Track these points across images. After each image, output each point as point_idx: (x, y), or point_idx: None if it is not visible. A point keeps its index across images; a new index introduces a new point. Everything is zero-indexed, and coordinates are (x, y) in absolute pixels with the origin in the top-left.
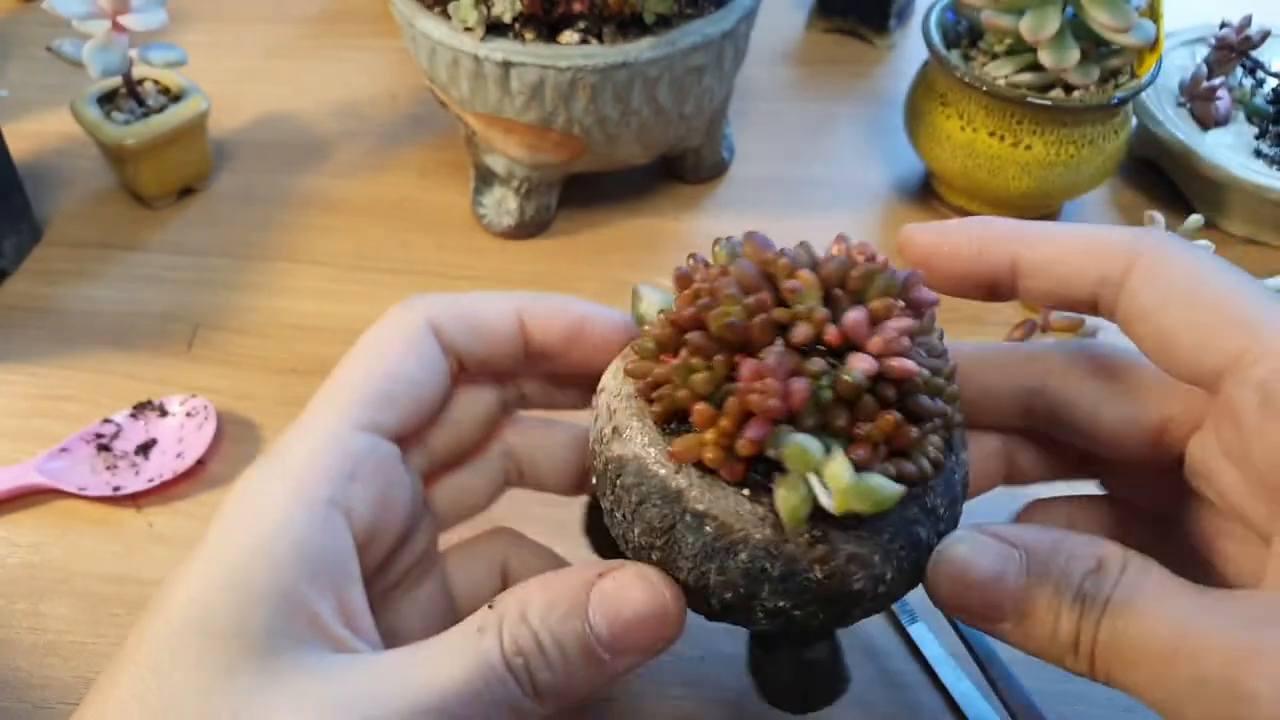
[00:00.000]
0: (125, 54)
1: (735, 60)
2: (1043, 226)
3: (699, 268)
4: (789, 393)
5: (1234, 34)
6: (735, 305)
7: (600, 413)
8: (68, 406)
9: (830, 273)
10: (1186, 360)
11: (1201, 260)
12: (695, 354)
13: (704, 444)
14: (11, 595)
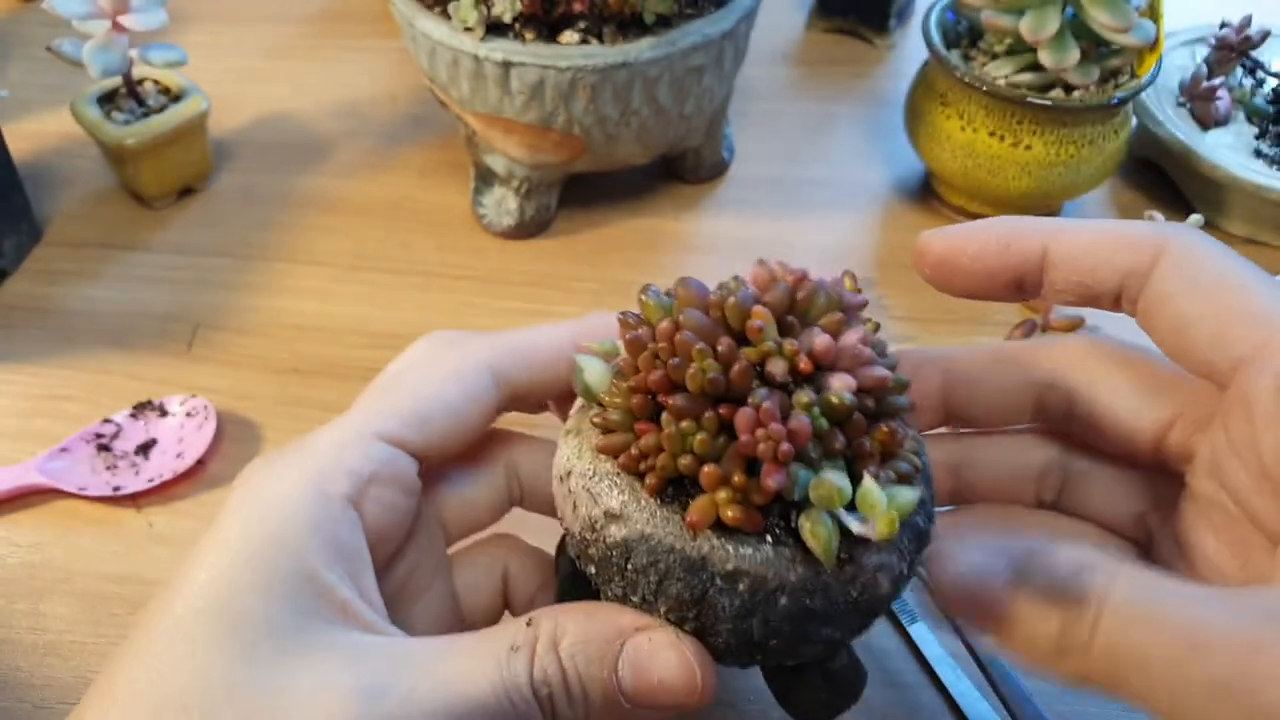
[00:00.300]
0: (125, 54)
1: (735, 60)
2: (1069, 223)
3: (637, 324)
4: (794, 432)
5: (1234, 34)
6: (707, 359)
7: (577, 498)
8: (68, 406)
9: (778, 301)
10: (1204, 350)
11: (1226, 255)
12: (682, 417)
13: (721, 504)
14: (11, 595)
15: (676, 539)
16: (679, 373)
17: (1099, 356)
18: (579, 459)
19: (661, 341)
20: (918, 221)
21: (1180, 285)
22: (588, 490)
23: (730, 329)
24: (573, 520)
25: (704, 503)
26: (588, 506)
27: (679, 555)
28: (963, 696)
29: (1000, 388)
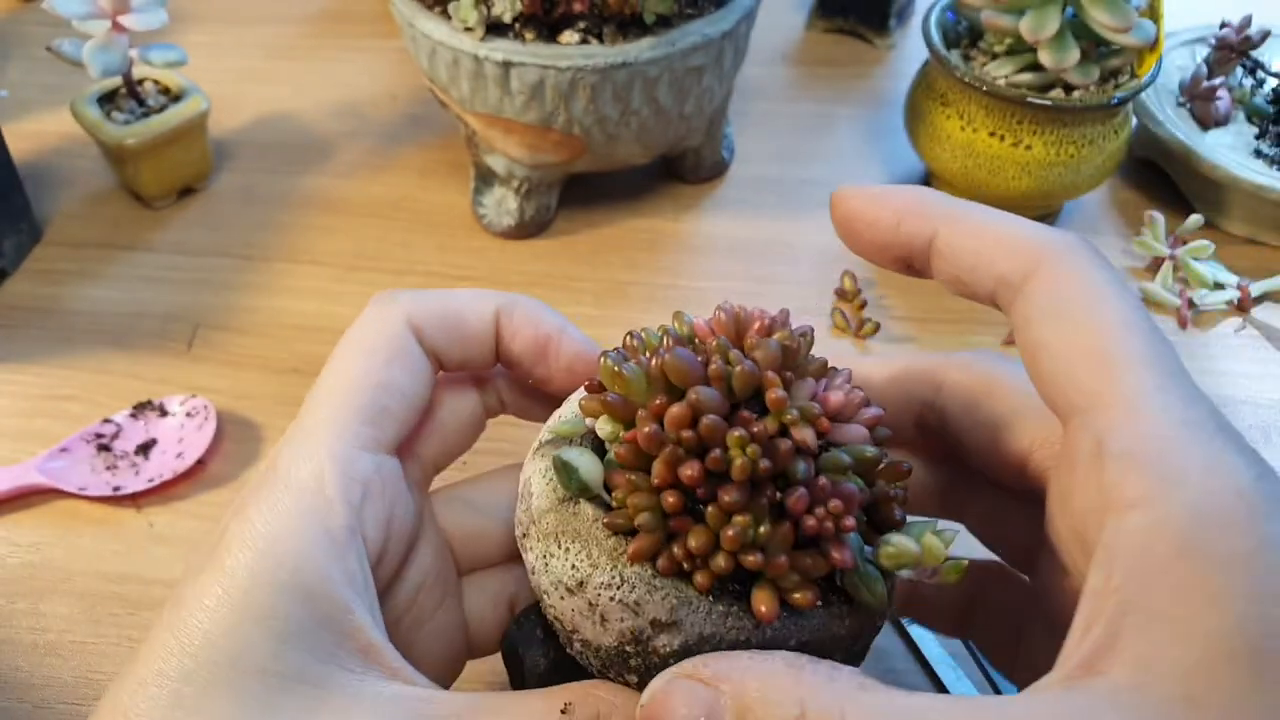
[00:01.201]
0: (125, 54)
1: (735, 60)
2: (970, 210)
3: (627, 404)
4: (849, 501)
5: (1234, 34)
6: (749, 445)
7: (605, 611)
8: (68, 406)
9: (774, 359)
10: (1050, 385)
11: (1100, 281)
12: (736, 510)
13: (790, 590)
14: (11, 595)
15: (740, 632)
16: (727, 464)
17: (976, 375)
18: (594, 567)
19: (674, 430)
20: None
21: (1043, 309)
22: (620, 602)
23: (734, 396)
24: (600, 634)
25: (769, 592)
26: (624, 619)
27: (741, 647)
28: None
29: (888, 399)
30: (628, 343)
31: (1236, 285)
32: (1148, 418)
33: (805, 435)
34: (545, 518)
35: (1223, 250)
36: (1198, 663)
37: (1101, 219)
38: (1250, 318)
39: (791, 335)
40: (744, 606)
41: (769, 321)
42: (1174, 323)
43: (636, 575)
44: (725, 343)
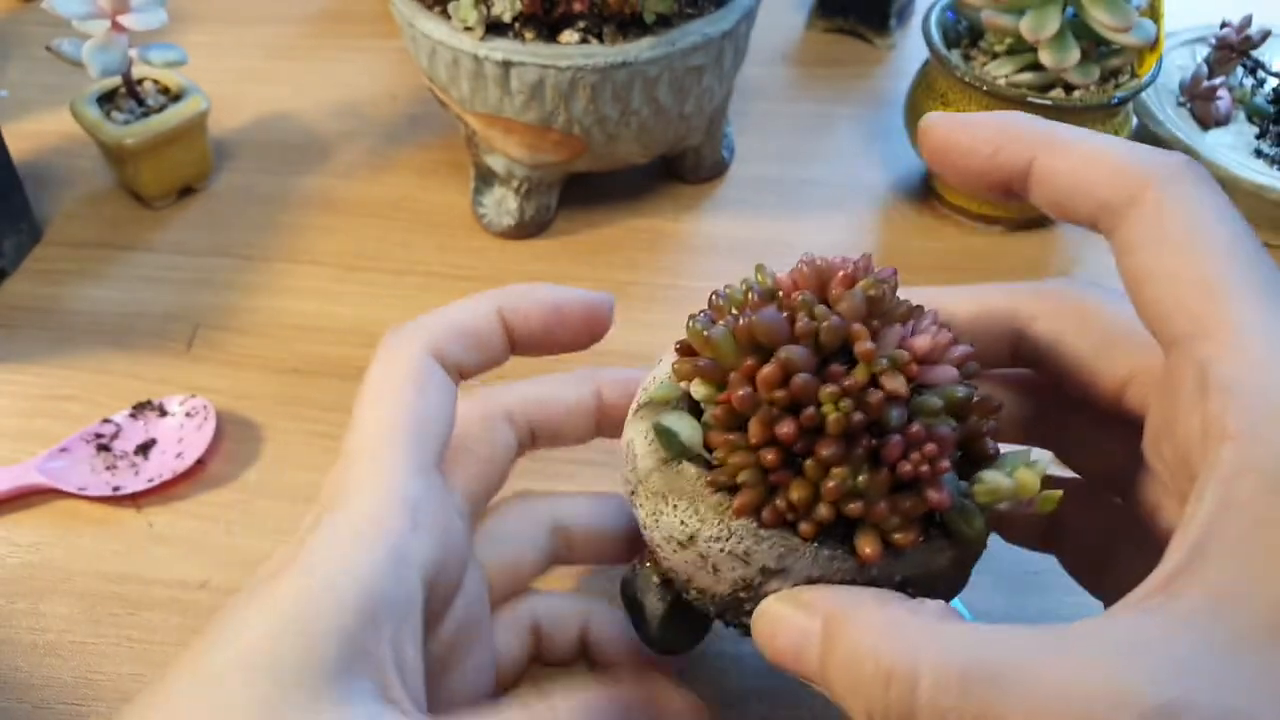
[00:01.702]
0: (125, 54)
1: (735, 60)
2: (1068, 134)
3: (719, 367)
4: (943, 444)
5: (1234, 34)
6: (843, 401)
7: (717, 562)
8: (68, 406)
9: (859, 309)
10: (1153, 312)
11: (1208, 206)
12: (834, 463)
13: (891, 532)
14: (11, 595)
15: (846, 573)
16: (813, 419)
17: (1069, 305)
18: (702, 522)
19: (766, 389)
20: (918, 221)
21: (1148, 236)
22: (729, 553)
23: (821, 350)
24: (714, 583)
25: (872, 535)
26: (735, 569)
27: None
28: None
29: (977, 338)
30: (714, 301)
31: None
32: (1253, 347)
33: (896, 384)
34: (651, 477)
35: None
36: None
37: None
38: None
39: (875, 282)
40: (848, 549)
41: (852, 270)
42: None
43: (743, 528)
44: (810, 298)
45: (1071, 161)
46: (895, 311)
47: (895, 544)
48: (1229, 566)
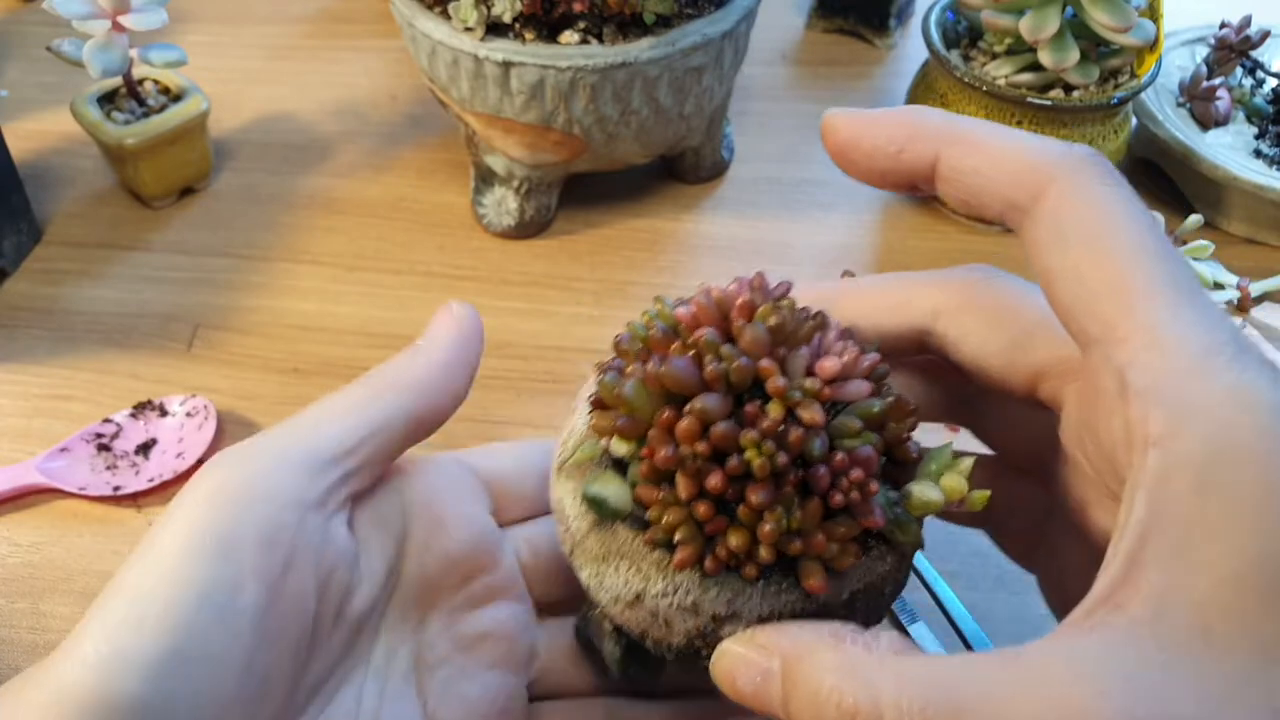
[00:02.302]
0: (125, 54)
1: (735, 60)
2: (972, 129)
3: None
4: (869, 463)
5: (1234, 34)
6: (765, 443)
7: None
8: (68, 406)
9: (764, 342)
10: (1066, 315)
11: (1113, 201)
12: (766, 506)
13: (832, 559)
14: (11, 595)
15: (796, 604)
16: (739, 467)
17: (976, 296)
18: (646, 581)
19: (688, 443)
20: (918, 221)
21: (1053, 235)
22: (678, 607)
23: (733, 390)
24: (668, 635)
25: (815, 567)
26: (686, 620)
27: (803, 616)
28: None
29: (884, 330)
30: (620, 345)
31: (1236, 285)
32: (1167, 349)
33: (812, 414)
34: (587, 540)
35: (1222, 250)
36: (1212, 596)
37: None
38: (1250, 318)
39: (774, 307)
40: (793, 580)
41: (750, 297)
42: None
43: (688, 579)
44: (714, 338)
45: (976, 159)
46: (799, 333)
47: (839, 568)
48: (1164, 575)
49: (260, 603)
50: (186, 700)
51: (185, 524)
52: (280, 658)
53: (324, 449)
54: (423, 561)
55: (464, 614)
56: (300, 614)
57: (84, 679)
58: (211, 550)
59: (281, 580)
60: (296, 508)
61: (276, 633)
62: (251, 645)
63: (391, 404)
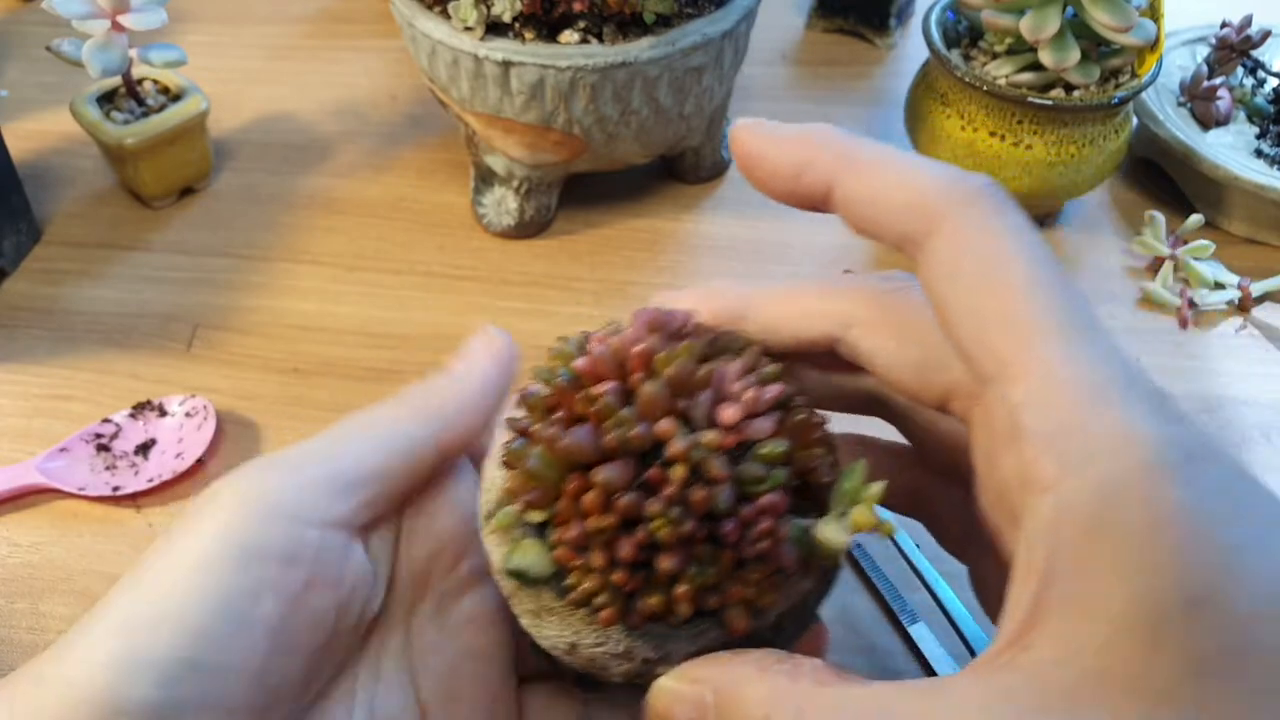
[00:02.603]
0: (125, 54)
1: (735, 60)
2: (869, 155)
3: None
4: (774, 512)
5: (1234, 34)
6: (673, 510)
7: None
8: (68, 406)
9: (663, 399)
10: (961, 350)
11: (1007, 233)
12: (684, 565)
13: (755, 599)
14: (11, 595)
15: (722, 639)
16: (648, 537)
17: (886, 309)
18: (577, 634)
19: (595, 515)
20: None
21: (946, 269)
22: (611, 654)
23: (632, 452)
24: (607, 675)
25: (739, 611)
26: (621, 664)
27: (732, 646)
28: None
29: (797, 337)
30: (527, 402)
31: (1237, 285)
32: (1059, 390)
33: (716, 470)
34: (518, 596)
35: (1223, 250)
36: (1108, 641)
37: (1102, 219)
38: (1251, 318)
39: (671, 357)
40: (718, 618)
41: (646, 348)
42: (1174, 322)
43: (615, 632)
44: (612, 402)
45: (871, 187)
46: (696, 379)
47: (762, 606)
48: (1064, 621)
49: (278, 616)
50: (196, 707)
51: (208, 532)
52: (292, 670)
53: (349, 471)
54: (413, 550)
55: (452, 599)
56: (316, 629)
57: (95, 679)
58: (234, 560)
59: (301, 596)
60: (319, 527)
61: (291, 647)
62: (266, 657)
63: (419, 432)
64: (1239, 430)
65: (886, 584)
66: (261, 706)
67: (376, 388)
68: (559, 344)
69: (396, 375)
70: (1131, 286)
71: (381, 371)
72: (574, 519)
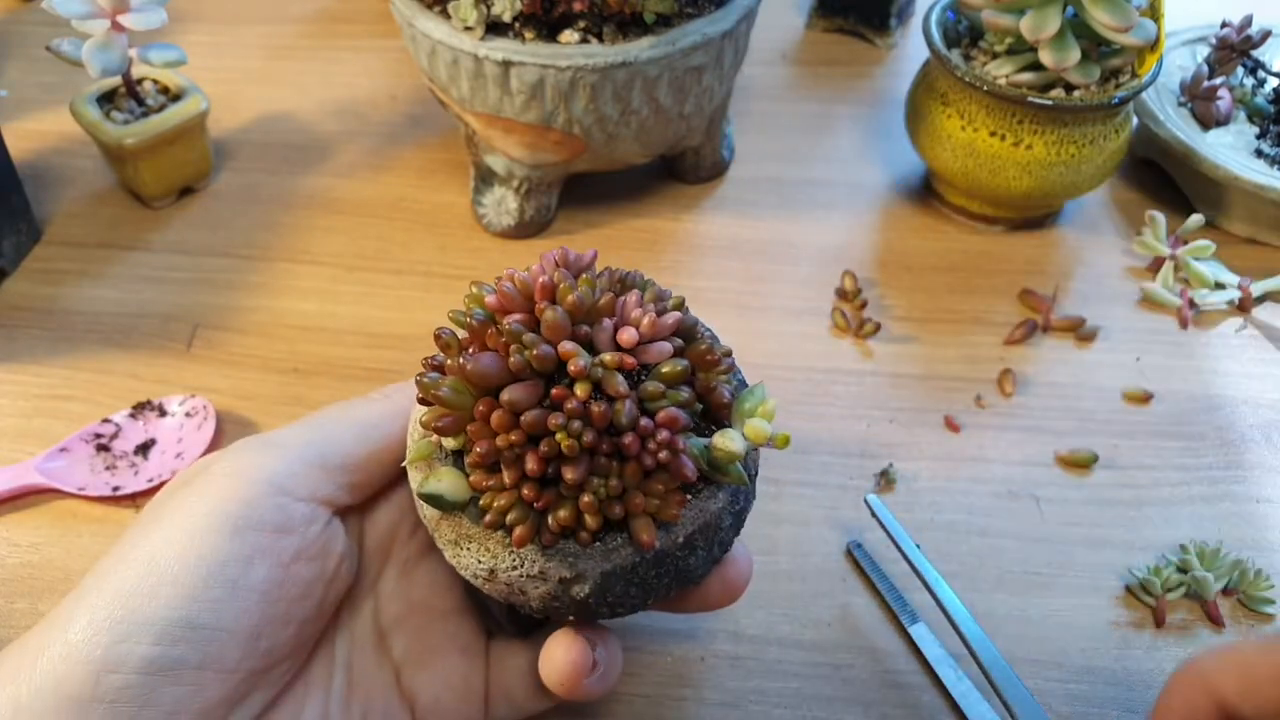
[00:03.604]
0: (125, 54)
1: (735, 60)
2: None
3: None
4: (672, 424)
5: (1235, 34)
6: (573, 423)
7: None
8: (67, 406)
9: (562, 323)
10: None
11: None
12: (586, 478)
13: (657, 512)
14: (11, 595)
15: (636, 554)
16: (552, 446)
17: None
18: (495, 558)
19: (503, 433)
20: (918, 221)
21: None
22: (527, 576)
23: (540, 374)
24: (526, 600)
25: (644, 523)
26: (538, 587)
27: (646, 565)
28: (963, 697)
29: None
30: (441, 340)
31: (1237, 285)
32: None
33: (616, 385)
34: (439, 527)
35: (1224, 250)
36: None
37: (1102, 219)
38: (1251, 318)
39: (571, 286)
40: (628, 535)
41: (548, 281)
42: (1175, 323)
43: (530, 553)
44: (517, 327)
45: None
46: (599, 305)
47: (668, 519)
48: None
49: (269, 582)
50: (193, 665)
51: (201, 502)
52: (283, 636)
53: (334, 456)
54: (376, 521)
55: (414, 564)
56: (304, 599)
57: (95, 639)
58: (228, 529)
59: (290, 566)
60: (308, 502)
61: (281, 615)
62: (258, 622)
63: (398, 428)
64: (1239, 430)
65: (886, 584)
66: (253, 669)
67: (376, 387)
68: (474, 289)
69: (396, 375)
70: (1132, 286)
71: (381, 371)
72: (484, 439)
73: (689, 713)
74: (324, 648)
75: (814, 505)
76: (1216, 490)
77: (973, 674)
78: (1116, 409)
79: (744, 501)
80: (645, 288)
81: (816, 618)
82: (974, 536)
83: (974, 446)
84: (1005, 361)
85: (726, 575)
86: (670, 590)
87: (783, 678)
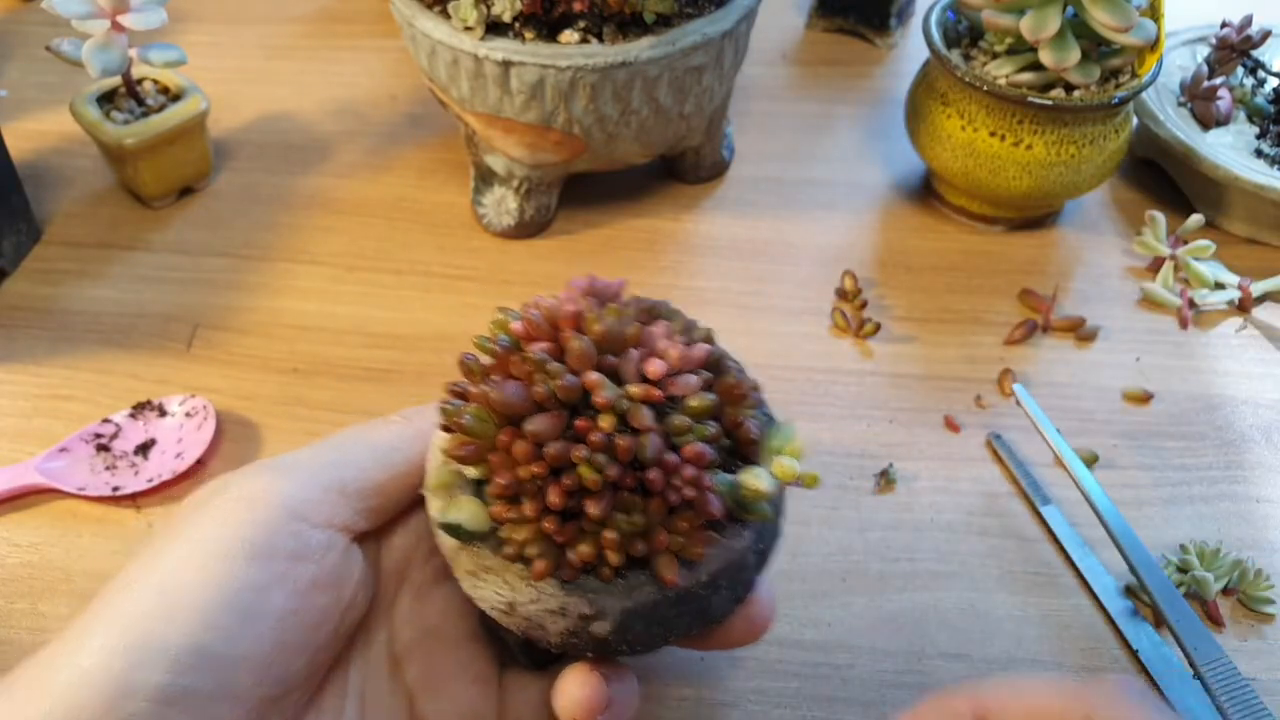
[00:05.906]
0: (125, 53)
1: (735, 60)
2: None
3: (480, 447)
4: (699, 460)
5: (1235, 34)
6: (597, 456)
7: (542, 620)
8: (68, 406)
9: (590, 353)
10: None
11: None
12: (606, 517)
13: (682, 549)
14: (11, 595)
15: (657, 593)
16: (575, 481)
17: None
18: (514, 592)
19: (525, 465)
20: (918, 221)
21: None
22: (547, 611)
23: (564, 405)
24: (545, 635)
25: (668, 560)
26: (557, 622)
27: (668, 604)
28: (1089, 571)
29: None
30: (465, 367)
31: (1237, 285)
32: None
33: (642, 419)
34: (458, 558)
35: (1224, 250)
36: None
37: (1102, 219)
38: (1251, 318)
39: (600, 315)
40: (651, 572)
41: (575, 310)
42: (1175, 323)
43: (549, 587)
44: (543, 356)
45: None
46: (626, 335)
47: (692, 557)
48: None
49: (284, 610)
50: (206, 694)
51: (217, 527)
52: (297, 664)
53: (352, 481)
54: (392, 546)
55: (428, 590)
56: (319, 627)
57: (109, 664)
58: (244, 555)
59: (307, 594)
60: (325, 529)
61: (296, 642)
62: (272, 650)
63: (416, 452)
64: (1239, 430)
65: (1022, 470)
66: (266, 697)
67: (376, 388)
68: (500, 314)
69: (396, 375)
70: (1132, 286)
71: (381, 371)
72: (506, 470)
73: (689, 713)
74: (337, 674)
75: (814, 505)
76: (1216, 490)
77: (1102, 554)
78: (1116, 409)
79: (769, 541)
80: (673, 317)
81: (816, 618)
82: (974, 536)
83: (974, 446)
84: (1005, 361)
85: (750, 614)
86: (691, 629)
87: (783, 678)
